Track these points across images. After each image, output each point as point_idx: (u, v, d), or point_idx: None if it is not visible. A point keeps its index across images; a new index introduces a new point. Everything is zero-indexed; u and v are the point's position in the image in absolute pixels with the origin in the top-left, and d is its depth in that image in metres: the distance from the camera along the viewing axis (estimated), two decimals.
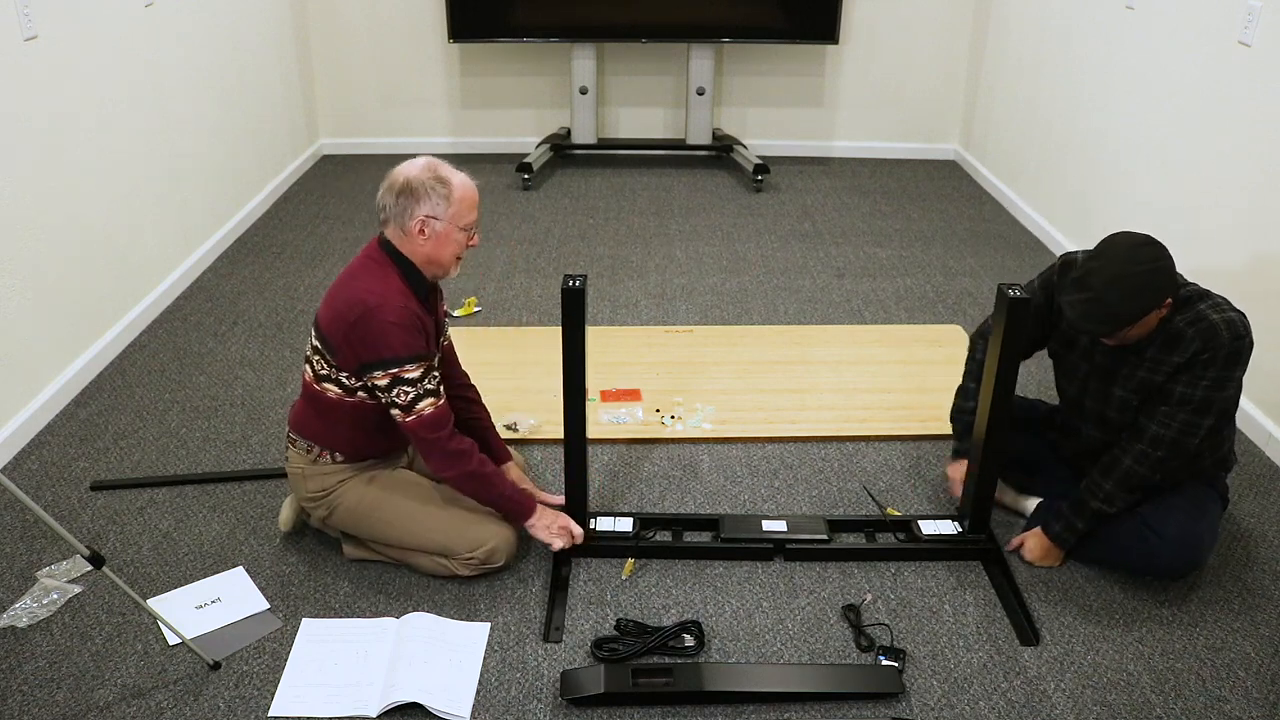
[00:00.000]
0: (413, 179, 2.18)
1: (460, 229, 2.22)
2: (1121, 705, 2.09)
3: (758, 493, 2.75)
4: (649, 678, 2.07)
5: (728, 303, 3.86)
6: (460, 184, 2.21)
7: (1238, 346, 2.14)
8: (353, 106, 5.47)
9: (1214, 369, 2.15)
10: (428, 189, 2.17)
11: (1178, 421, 2.20)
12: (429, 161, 2.22)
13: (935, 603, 2.36)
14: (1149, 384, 2.24)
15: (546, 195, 4.98)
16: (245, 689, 2.09)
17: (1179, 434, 2.21)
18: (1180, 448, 2.23)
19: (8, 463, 2.82)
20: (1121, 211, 3.82)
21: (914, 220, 4.74)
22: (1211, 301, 2.18)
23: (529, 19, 5.01)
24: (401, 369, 2.16)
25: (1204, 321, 2.14)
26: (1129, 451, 2.27)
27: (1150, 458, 2.25)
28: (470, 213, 2.23)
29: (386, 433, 2.33)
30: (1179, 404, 2.19)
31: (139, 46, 3.56)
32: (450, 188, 2.19)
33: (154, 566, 2.44)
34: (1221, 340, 2.12)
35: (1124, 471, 2.28)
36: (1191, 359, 2.16)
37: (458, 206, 2.20)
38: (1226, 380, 2.17)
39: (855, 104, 5.56)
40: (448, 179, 2.20)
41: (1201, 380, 2.16)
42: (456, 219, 2.21)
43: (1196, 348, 2.14)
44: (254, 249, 4.28)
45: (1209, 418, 2.20)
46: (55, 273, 3.07)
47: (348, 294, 2.20)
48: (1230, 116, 3.15)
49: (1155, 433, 2.23)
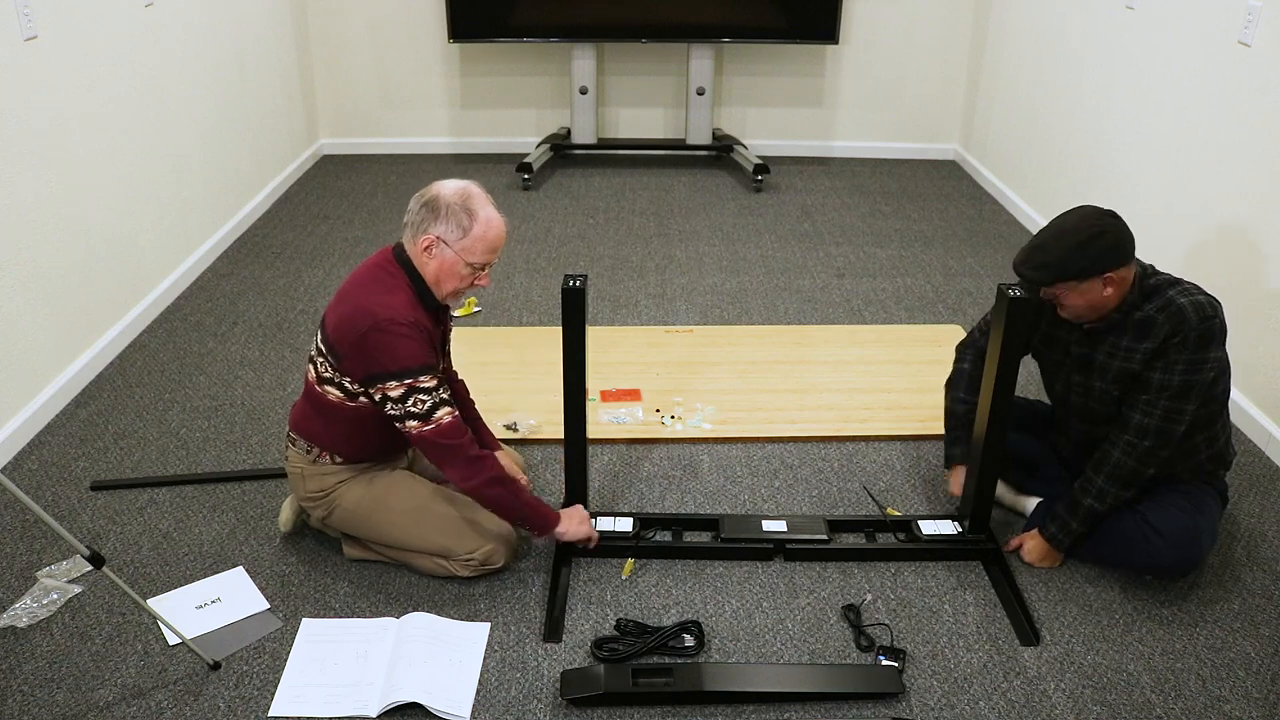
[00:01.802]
0: (443, 196, 2.15)
1: (467, 264, 2.16)
2: (1121, 705, 2.09)
3: (758, 493, 2.75)
4: (649, 678, 2.07)
5: (728, 303, 3.86)
6: (485, 222, 2.15)
7: (1207, 328, 2.16)
8: (353, 106, 5.47)
9: (1186, 351, 2.17)
10: (450, 212, 2.14)
11: (1159, 409, 2.22)
12: (470, 189, 2.17)
13: (935, 603, 2.36)
14: (1126, 373, 2.26)
15: (546, 195, 4.98)
16: (245, 689, 2.09)
17: (1163, 421, 2.22)
18: (1166, 435, 2.23)
19: (8, 463, 2.82)
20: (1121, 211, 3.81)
21: (914, 220, 4.74)
22: (1181, 288, 2.22)
23: (529, 19, 5.02)
24: (415, 380, 2.14)
25: (1172, 306, 2.18)
26: (1117, 444, 2.28)
27: (1138, 448, 2.25)
28: (484, 254, 2.17)
29: (386, 435, 2.32)
30: (1158, 391, 2.21)
31: (139, 46, 3.56)
32: (473, 221, 2.14)
33: (154, 566, 2.44)
34: (1190, 323, 2.16)
35: (1114, 465, 2.28)
36: (1163, 344, 2.19)
37: (472, 242, 2.15)
38: (1201, 363, 2.18)
39: (855, 104, 5.56)
40: (475, 212, 2.14)
41: (1176, 364, 2.19)
42: (466, 253, 2.16)
43: (1166, 331, 2.18)
44: (254, 249, 4.28)
45: (1191, 402, 2.21)
46: (55, 273, 3.07)
47: (358, 302, 2.17)
48: (1230, 116, 3.15)
49: (1139, 422, 2.24)
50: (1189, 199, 3.38)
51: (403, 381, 2.14)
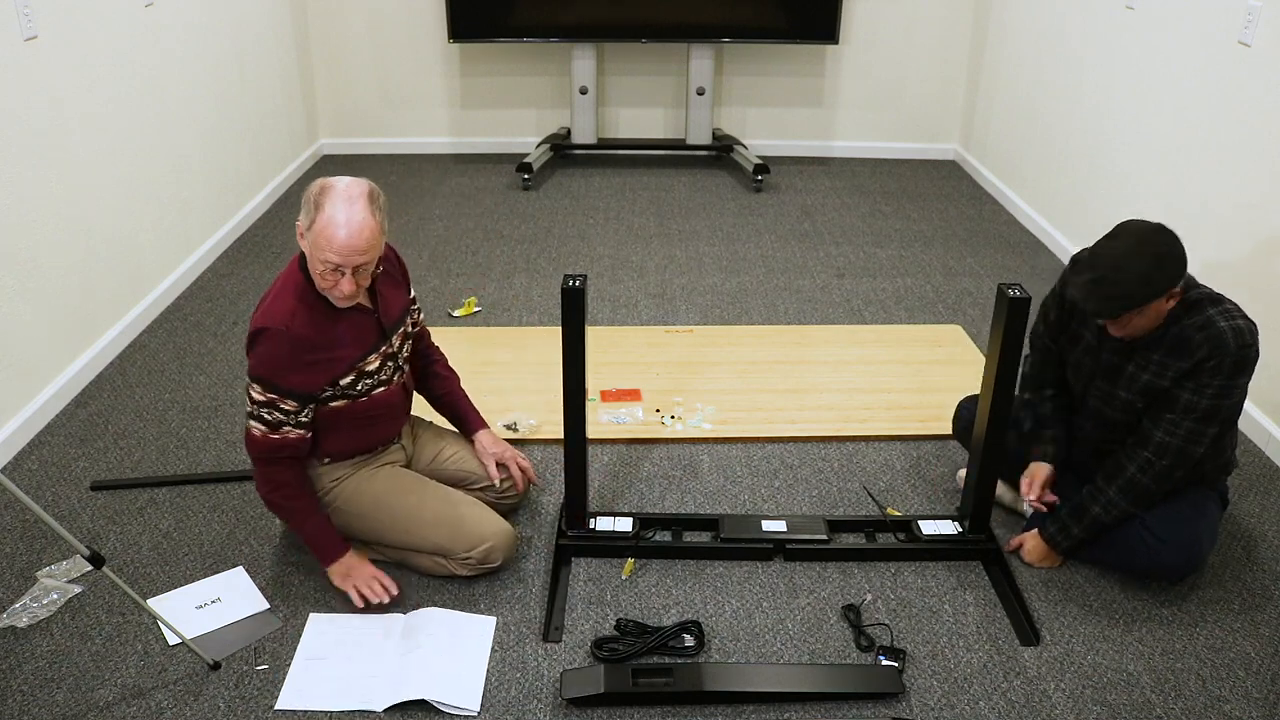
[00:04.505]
0: (312, 186, 2.09)
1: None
2: (1121, 705, 2.09)
3: (758, 493, 2.75)
4: (649, 678, 2.07)
5: (728, 303, 3.86)
6: (326, 219, 2.03)
7: (1244, 355, 2.13)
8: (353, 106, 5.47)
9: (1220, 377, 2.14)
10: (306, 201, 2.08)
11: (1183, 430, 2.20)
12: (333, 185, 2.06)
13: (935, 603, 2.36)
14: (1154, 388, 2.23)
15: (546, 195, 4.98)
16: (245, 689, 2.09)
17: (1184, 442, 2.21)
18: (1185, 456, 2.23)
19: (8, 463, 2.82)
20: (1121, 211, 3.82)
21: (914, 220, 4.74)
22: (1222, 308, 2.17)
23: (529, 19, 5.02)
24: (249, 385, 2.17)
25: (1213, 328, 2.13)
26: (1134, 459, 2.27)
27: (1155, 467, 2.24)
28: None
29: (368, 429, 2.33)
30: (1184, 411, 2.19)
31: (139, 46, 3.56)
32: (318, 214, 2.04)
33: (154, 566, 2.44)
34: (1228, 349, 2.11)
35: (1128, 480, 2.27)
36: (1197, 365, 2.15)
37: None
38: (1232, 389, 2.16)
39: (855, 104, 5.56)
40: (322, 206, 2.04)
41: (1207, 389, 2.15)
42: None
43: (1203, 355, 2.13)
44: (254, 249, 4.28)
45: (1214, 425, 2.20)
46: (55, 273, 3.07)
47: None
48: (1230, 116, 3.15)
49: (1160, 440, 2.22)
50: (1189, 199, 3.38)
51: (248, 383, 2.17)
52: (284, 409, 2.16)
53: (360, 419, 2.29)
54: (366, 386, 2.26)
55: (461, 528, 2.33)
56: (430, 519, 2.33)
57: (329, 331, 2.18)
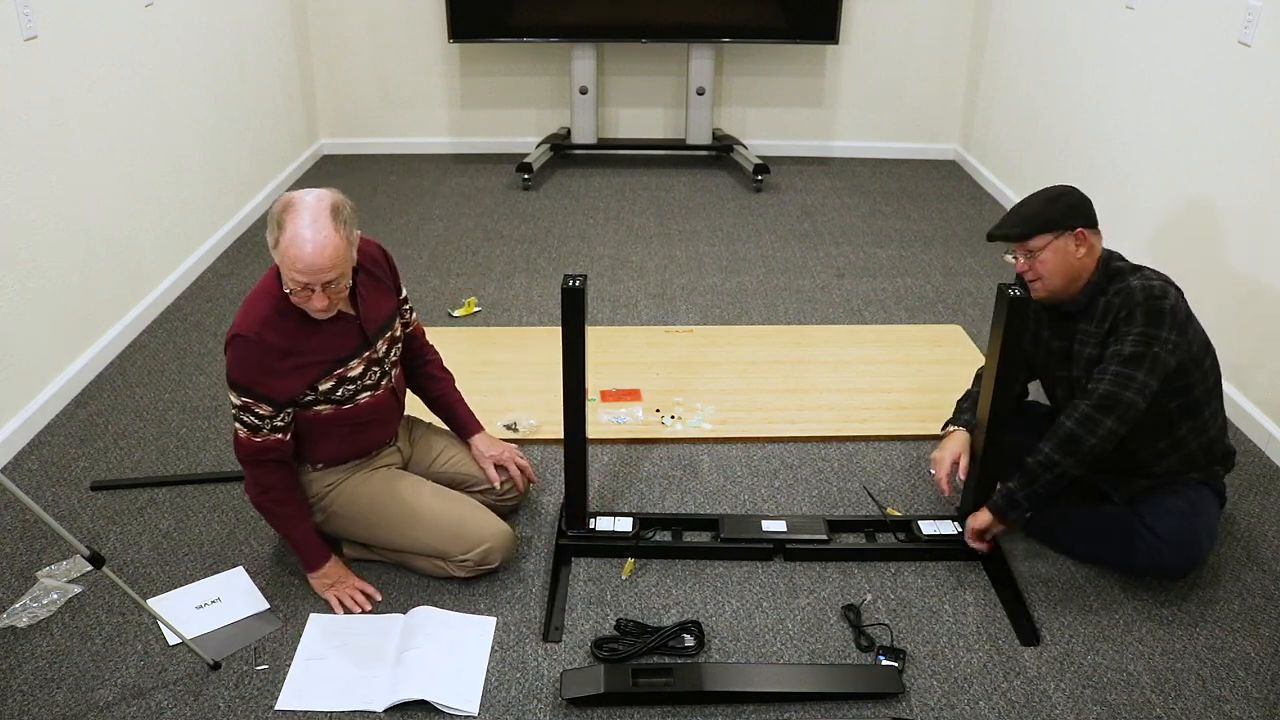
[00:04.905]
0: (277, 202, 2.07)
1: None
2: (1121, 705, 2.09)
3: (758, 493, 2.75)
4: (649, 678, 2.07)
5: (728, 303, 3.86)
6: (289, 237, 2.00)
7: (1154, 305, 2.23)
8: (353, 106, 5.47)
9: (1135, 325, 2.24)
10: (270, 218, 2.06)
11: (1109, 374, 2.24)
12: (297, 201, 2.04)
13: (935, 603, 2.36)
14: (1095, 359, 2.33)
15: (546, 195, 4.98)
16: (245, 689, 2.09)
17: (1112, 385, 2.22)
18: (1114, 401, 2.21)
19: (8, 463, 2.82)
20: (1121, 211, 3.82)
21: (914, 220, 4.74)
22: (1140, 274, 2.32)
23: (529, 19, 5.02)
24: (229, 393, 2.17)
25: (1126, 287, 2.29)
26: (1070, 413, 2.27)
27: (1080, 410, 2.24)
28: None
29: (359, 435, 2.32)
30: (1110, 359, 2.27)
31: (139, 46, 3.56)
32: (281, 234, 2.02)
33: (154, 566, 2.44)
34: (1136, 299, 2.25)
35: (1057, 428, 2.27)
36: (1115, 321, 2.29)
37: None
38: (1152, 338, 2.22)
39: (855, 104, 5.56)
40: (285, 225, 2.02)
41: (1127, 336, 2.25)
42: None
43: (1116, 307, 2.29)
44: (254, 249, 4.28)
45: (1141, 372, 2.21)
46: (55, 273, 3.07)
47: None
48: (1230, 116, 3.15)
49: (1091, 388, 2.26)
50: (1189, 199, 3.38)
51: (229, 390, 2.17)
52: (259, 413, 2.16)
53: (350, 425, 2.29)
54: (350, 392, 2.25)
55: (459, 529, 2.32)
56: (427, 521, 2.32)
57: (304, 340, 2.17)
